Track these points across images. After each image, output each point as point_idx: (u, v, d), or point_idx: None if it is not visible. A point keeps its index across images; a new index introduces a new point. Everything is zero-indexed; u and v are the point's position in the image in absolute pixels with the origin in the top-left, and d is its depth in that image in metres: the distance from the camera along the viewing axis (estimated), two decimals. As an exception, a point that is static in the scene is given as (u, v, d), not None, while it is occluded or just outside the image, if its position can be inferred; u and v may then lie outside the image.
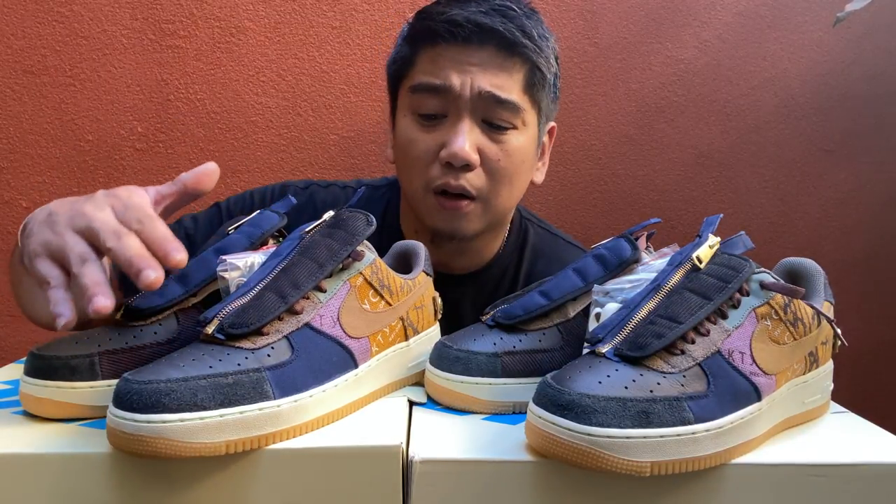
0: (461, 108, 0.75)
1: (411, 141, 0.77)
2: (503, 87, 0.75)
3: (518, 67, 0.76)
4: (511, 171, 0.77)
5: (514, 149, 0.77)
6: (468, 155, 0.74)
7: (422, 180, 0.77)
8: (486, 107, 0.75)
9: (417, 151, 0.77)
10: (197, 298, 0.51)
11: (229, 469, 0.41)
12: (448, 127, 0.76)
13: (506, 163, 0.76)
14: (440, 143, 0.75)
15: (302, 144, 1.18)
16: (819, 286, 0.52)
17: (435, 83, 0.75)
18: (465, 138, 0.74)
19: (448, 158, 0.74)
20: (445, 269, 0.83)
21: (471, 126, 0.75)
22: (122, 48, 1.14)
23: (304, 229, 0.50)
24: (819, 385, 0.50)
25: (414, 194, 0.79)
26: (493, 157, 0.76)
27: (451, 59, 0.75)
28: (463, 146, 0.73)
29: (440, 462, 0.41)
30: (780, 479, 0.42)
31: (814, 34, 1.23)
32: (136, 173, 1.16)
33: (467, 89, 0.74)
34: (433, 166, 0.76)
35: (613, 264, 0.53)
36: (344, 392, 0.47)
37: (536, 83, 0.77)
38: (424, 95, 0.76)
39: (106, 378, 0.46)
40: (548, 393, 0.40)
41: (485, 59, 0.75)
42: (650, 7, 1.21)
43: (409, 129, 0.78)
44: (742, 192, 1.26)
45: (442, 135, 0.76)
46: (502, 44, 0.74)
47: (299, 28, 1.17)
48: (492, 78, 0.74)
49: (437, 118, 0.76)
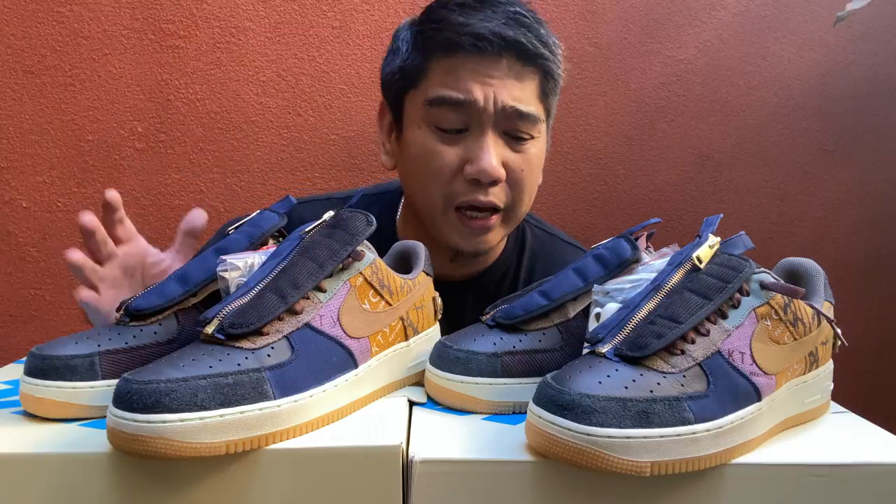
0: (485, 123, 0.74)
1: (431, 154, 0.75)
2: (522, 99, 0.75)
3: (533, 76, 0.76)
4: (532, 181, 0.78)
5: (533, 158, 0.77)
6: (497, 171, 0.73)
7: (442, 195, 0.76)
8: (508, 120, 0.74)
9: (438, 165, 0.75)
10: (197, 298, 0.51)
11: (229, 469, 0.41)
12: (472, 141, 0.74)
13: (528, 173, 0.77)
14: (464, 158, 0.74)
15: (302, 144, 1.18)
16: (819, 286, 0.52)
17: (458, 98, 0.73)
18: (492, 154, 0.73)
19: (476, 175, 0.73)
20: (446, 275, 0.83)
21: (495, 140, 0.74)
22: (122, 48, 1.14)
23: (304, 229, 0.50)
24: (819, 385, 0.50)
25: (431, 210, 0.78)
26: (517, 168, 0.76)
27: (472, 70, 0.73)
28: (491, 162, 0.73)
29: (440, 462, 0.41)
30: (780, 479, 0.42)
31: (814, 34, 1.23)
32: (136, 173, 1.16)
33: (491, 104, 0.73)
34: (456, 181, 0.75)
35: (613, 264, 0.53)
36: (344, 392, 0.47)
37: (549, 91, 0.78)
38: (446, 110, 0.74)
39: (106, 378, 0.46)
40: (548, 393, 0.40)
41: (503, 70, 0.74)
42: (650, 7, 1.21)
43: (428, 141, 0.76)
44: (742, 192, 1.26)
45: (465, 149, 0.75)
46: (521, 55, 0.74)
47: (299, 28, 1.17)
48: (512, 90, 0.74)
49: (460, 132, 0.75)
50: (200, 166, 1.17)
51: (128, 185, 1.16)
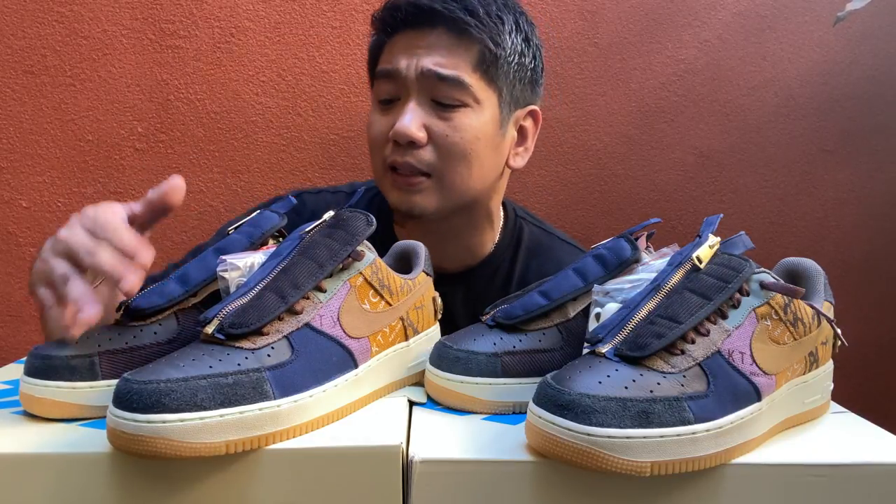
0: (410, 89, 0.78)
1: (370, 124, 0.82)
2: (447, 65, 0.77)
3: (468, 47, 0.78)
4: (464, 148, 0.78)
5: (465, 126, 0.78)
6: (410, 131, 0.76)
7: (380, 160, 0.81)
8: (431, 85, 0.77)
9: (374, 133, 0.81)
10: (197, 298, 0.51)
11: (229, 469, 0.41)
12: (399, 108, 0.79)
13: (455, 139, 0.78)
14: (391, 124, 0.78)
15: (302, 144, 1.18)
16: (819, 286, 0.52)
17: (387, 68, 0.79)
18: (410, 117, 0.77)
19: (393, 136, 0.77)
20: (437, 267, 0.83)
21: (417, 105, 0.78)
22: (122, 48, 1.14)
23: (304, 229, 0.50)
24: (819, 385, 0.50)
25: (376, 175, 0.83)
26: (441, 133, 0.78)
27: (404, 44, 0.79)
28: (405, 124, 0.76)
29: (440, 462, 0.41)
30: (780, 479, 0.42)
31: (814, 34, 1.23)
32: (136, 173, 1.16)
33: (412, 70, 0.77)
34: (387, 146, 0.79)
35: (613, 264, 0.53)
36: (344, 392, 0.47)
37: (489, 62, 0.78)
38: (381, 81, 0.81)
39: (106, 378, 0.46)
40: (548, 393, 0.40)
41: (433, 41, 0.78)
42: (650, 7, 1.21)
43: (372, 115, 0.82)
44: (742, 192, 1.26)
45: (394, 116, 0.79)
46: (450, 25, 0.77)
47: (299, 28, 1.16)
48: (437, 58, 0.77)
49: (392, 102, 0.80)
50: (200, 166, 1.17)
51: (128, 185, 1.16)
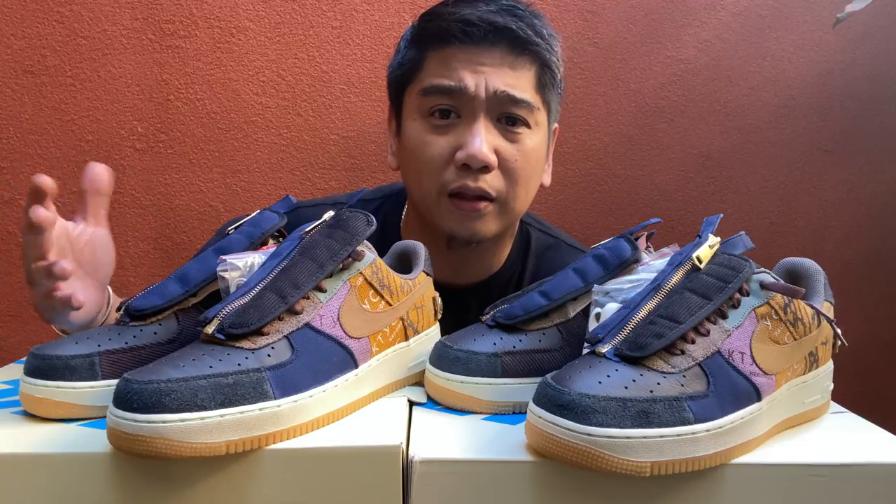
0: (476, 109, 0.74)
1: (423, 143, 0.76)
2: (516, 86, 0.74)
3: (528, 66, 0.76)
4: (528, 172, 0.77)
5: (529, 149, 0.76)
6: (486, 156, 0.73)
7: (435, 184, 0.76)
8: (501, 107, 0.74)
9: (430, 154, 0.75)
10: (197, 298, 0.51)
11: (229, 469, 0.41)
12: (463, 129, 0.75)
13: (522, 163, 0.76)
14: (454, 146, 0.74)
15: (302, 144, 1.18)
16: (819, 286, 0.52)
17: (448, 84, 0.74)
18: (482, 139, 0.73)
19: (466, 160, 0.73)
20: (451, 281, 0.82)
21: (487, 127, 0.74)
22: (122, 48, 1.14)
23: (304, 229, 0.50)
24: (819, 385, 0.50)
25: (426, 199, 0.78)
26: (510, 157, 0.75)
27: (464, 59, 0.74)
28: (481, 147, 0.73)
29: (440, 462, 0.41)
30: (780, 479, 0.42)
31: (814, 34, 1.23)
32: (136, 173, 1.16)
33: (482, 90, 0.73)
34: (448, 169, 0.75)
35: (613, 264, 0.53)
36: (344, 392, 0.47)
37: (546, 82, 0.77)
38: (436, 98, 0.75)
39: (106, 378, 0.46)
40: (548, 393, 0.40)
41: (496, 58, 0.74)
42: (650, 7, 1.21)
43: (420, 131, 0.76)
44: (742, 192, 1.26)
45: (457, 137, 0.75)
46: (514, 43, 0.74)
47: (299, 28, 1.16)
48: (505, 77, 0.74)
49: (451, 120, 0.75)
50: (200, 166, 1.17)
51: (128, 185, 1.16)
